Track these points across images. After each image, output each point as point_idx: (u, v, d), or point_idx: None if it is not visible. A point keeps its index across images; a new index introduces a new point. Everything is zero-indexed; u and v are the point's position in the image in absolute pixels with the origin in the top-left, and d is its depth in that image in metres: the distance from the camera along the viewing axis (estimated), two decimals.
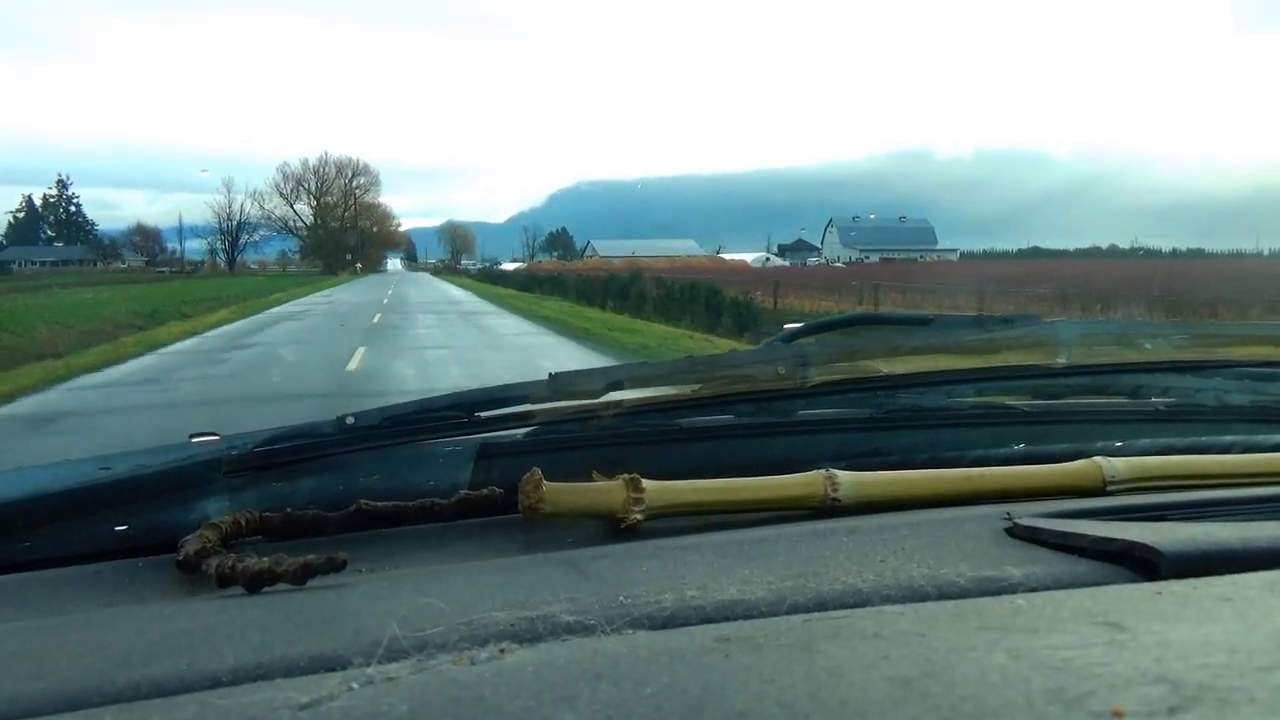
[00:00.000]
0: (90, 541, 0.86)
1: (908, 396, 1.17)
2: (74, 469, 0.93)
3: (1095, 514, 0.78)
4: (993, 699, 0.41)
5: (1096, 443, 1.06)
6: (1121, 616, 0.51)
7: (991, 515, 0.78)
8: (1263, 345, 1.32)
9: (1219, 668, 0.42)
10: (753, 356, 1.15)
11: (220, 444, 0.93)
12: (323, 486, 0.93)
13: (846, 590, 0.61)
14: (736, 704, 0.42)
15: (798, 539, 0.75)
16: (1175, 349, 1.22)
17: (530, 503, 0.84)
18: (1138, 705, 0.39)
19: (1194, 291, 19.07)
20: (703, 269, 66.25)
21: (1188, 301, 17.10)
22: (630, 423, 1.05)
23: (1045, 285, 24.26)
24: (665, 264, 73.89)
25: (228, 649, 0.55)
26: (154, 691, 0.50)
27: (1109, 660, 0.44)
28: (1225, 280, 24.55)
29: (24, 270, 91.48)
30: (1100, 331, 1.34)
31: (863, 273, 49.72)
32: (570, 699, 0.44)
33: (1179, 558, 0.61)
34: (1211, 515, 0.78)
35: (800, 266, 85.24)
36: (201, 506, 0.88)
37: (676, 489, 0.88)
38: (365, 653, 0.52)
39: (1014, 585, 0.61)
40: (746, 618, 0.57)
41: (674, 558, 0.71)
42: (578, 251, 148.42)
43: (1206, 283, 22.26)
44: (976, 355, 1.15)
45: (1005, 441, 1.12)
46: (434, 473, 0.97)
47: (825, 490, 0.88)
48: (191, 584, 0.78)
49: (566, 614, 0.57)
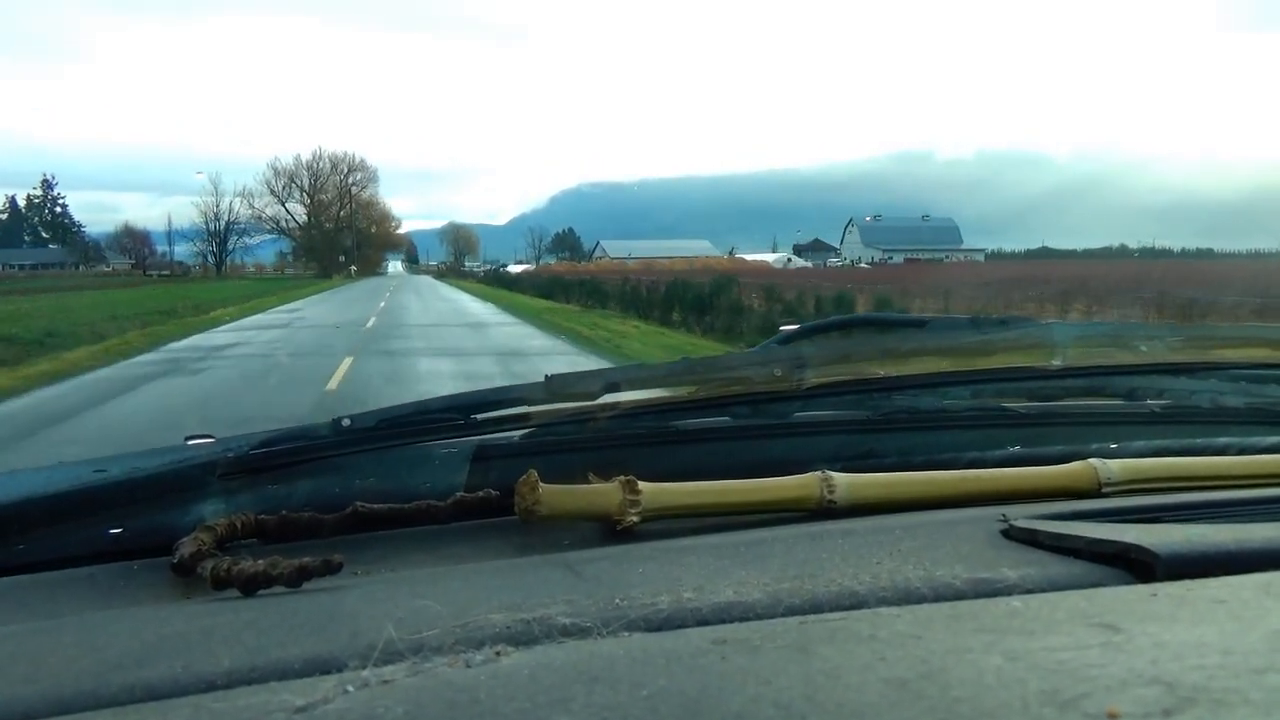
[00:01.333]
0: (85, 544, 0.86)
1: (903, 398, 1.18)
2: (68, 471, 0.92)
3: (1091, 516, 0.78)
4: (989, 701, 0.41)
5: (1092, 444, 1.06)
6: (1117, 618, 0.51)
7: (987, 517, 0.78)
8: (1257, 347, 1.33)
9: (1214, 669, 0.42)
10: (749, 358, 1.15)
11: (215, 446, 0.93)
12: (318, 489, 0.93)
13: (842, 592, 0.61)
14: (733, 706, 0.42)
15: (794, 541, 0.75)
16: (1170, 351, 1.23)
17: (526, 505, 0.84)
18: (1133, 707, 0.39)
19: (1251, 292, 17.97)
20: (724, 270, 65.85)
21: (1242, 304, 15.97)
22: (627, 425, 1.05)
23: (1089, 285, 21.55)
24: (684, 265, 71.13)
25: (223, 652, 0.55)
26: (149, 695, 0.50)
27: (1104, 662, 0.44)
28: (1253, 279, 23.65)
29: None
30: (1095, 333, 1.34)
31: (890, 274, 47.55)
32: (566, 701, 0.44)
33: (1174, 559, 0.61)
34: (1206, 517, 0.78)
35: (821, 267, 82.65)
36: (197, 509, 0.88)
37: (673, 491, 0.88)
38: (361, 655, 0.52)
39: (1010, 587, 0.61)
40: (743, 620, 0.57)
41: (670, 560, 0.71)
42: (585, 253, 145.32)
43: (1252, 284, 21.14)
44: (972, 357, 1.16)
45: (1001, 443, 1.12)
46: (430, 475, 0.96)
47: (821, 492, 0.88)
48: (186, 587, 0.78)
49: (562, 616, 0.57)
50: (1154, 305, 16.18)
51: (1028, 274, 35.60)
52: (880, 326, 1.89)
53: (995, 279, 30.80)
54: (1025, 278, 28.76)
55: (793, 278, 44.98)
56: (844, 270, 70.79)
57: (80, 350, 15.92)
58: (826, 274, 57.37)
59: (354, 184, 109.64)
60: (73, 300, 31.41)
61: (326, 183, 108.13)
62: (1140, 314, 15.40)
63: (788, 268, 79.13)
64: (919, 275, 44.05)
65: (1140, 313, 15.62)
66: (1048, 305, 18.31)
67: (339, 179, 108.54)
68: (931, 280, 32.90)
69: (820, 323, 2.00)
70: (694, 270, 50.74)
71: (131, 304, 28.25)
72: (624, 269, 58.12)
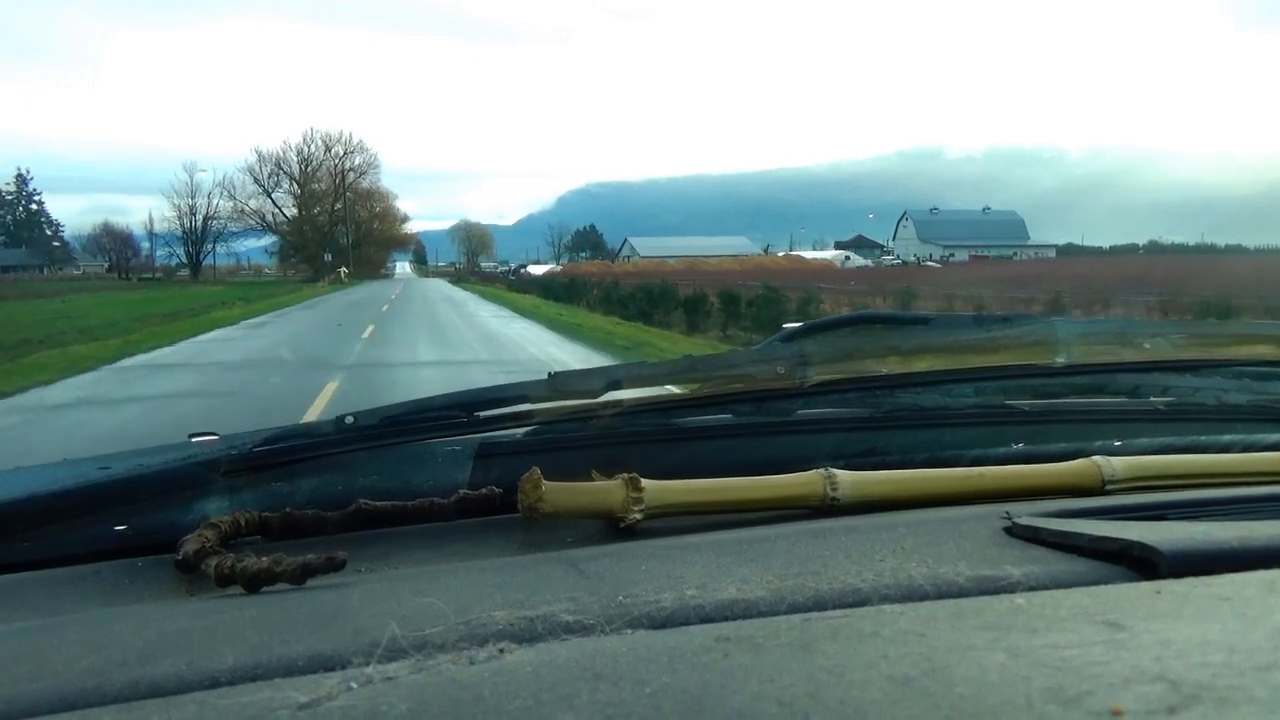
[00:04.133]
0: (89, 542, 0.86)
1: (906, 396, 1.18)
2: (72, 469, 0.93)
3: (1094, 513, 0.78)
4: (992, 698, 0.41)
5: (1095, 442, 1.06)
6: (1120, 616, 0.51)
7: (990, 514, 0.78)
8: (1261, 344, 1.32)
9: (1218, 667, 0.42)
10: (751, 356, 1.15)
11: (219, 444, 0.93)
12: (322, 486, 0.93)
13: (846, 590, 0.61)
14: (736, 703, 0.42)
15: (797, 538, 0.75)
16: (1174, 348, 1.23)
17: (529, 502, 0.84)
18: (1137, 704, 0.39)
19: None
20: (779, 270, 54.28)
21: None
22: (629, 422, 1.05)
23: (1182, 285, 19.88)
24: (733, 265, 63.83)
25: (227, 649, 0.55)
26: (153, 692, 0.50)
27: (1108, 659, 0.44)
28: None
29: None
30: (1099, 331, 1.34)
31: (965, 274, 41.77)
32: (569, 698, 0.44)
33: (1178, 557, 0.61)
34: (1210, 514, 0.78)
35: (892, 265, 75.60)
36: (200, 506, 0.88)
37: (675, 488, 0.88)
38: (364, 652, 0.52)
39: (1013, 584, 0.61)
40: (746, 617, 0.57)
41: (673, 557, 0.71)
42: (608, 251, 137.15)
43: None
44: (975, 355, 1.16)
45: (1004, 441, 1.12)
46: (433, 472, 0.97)
47: (824, 490, 0.88)
48: (190, 584, 0.78)
49: (566, 613, 0.57)
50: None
51: (1114, 272, 32.85)
52: (883, 324, 1.89)
53: (1090, 277, 27.83)
54: (1115, 276, 26.59)
55: (860, 277, 39.44)
56: (913, 270, 63.38)
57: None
58: (894, 274, 50.04)
59: (351, 169, 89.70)
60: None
61: (319, 169, 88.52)
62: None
63: (845, 266, 72.69)
64: (1001, 273, 39.16)
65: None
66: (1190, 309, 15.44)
67: (333, 164, 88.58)
68: (1017, 278, 29.66)
69: (823, 320, 2.00)
70: (746, 271, 45.99)
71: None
72: (664, 270, 52.28)
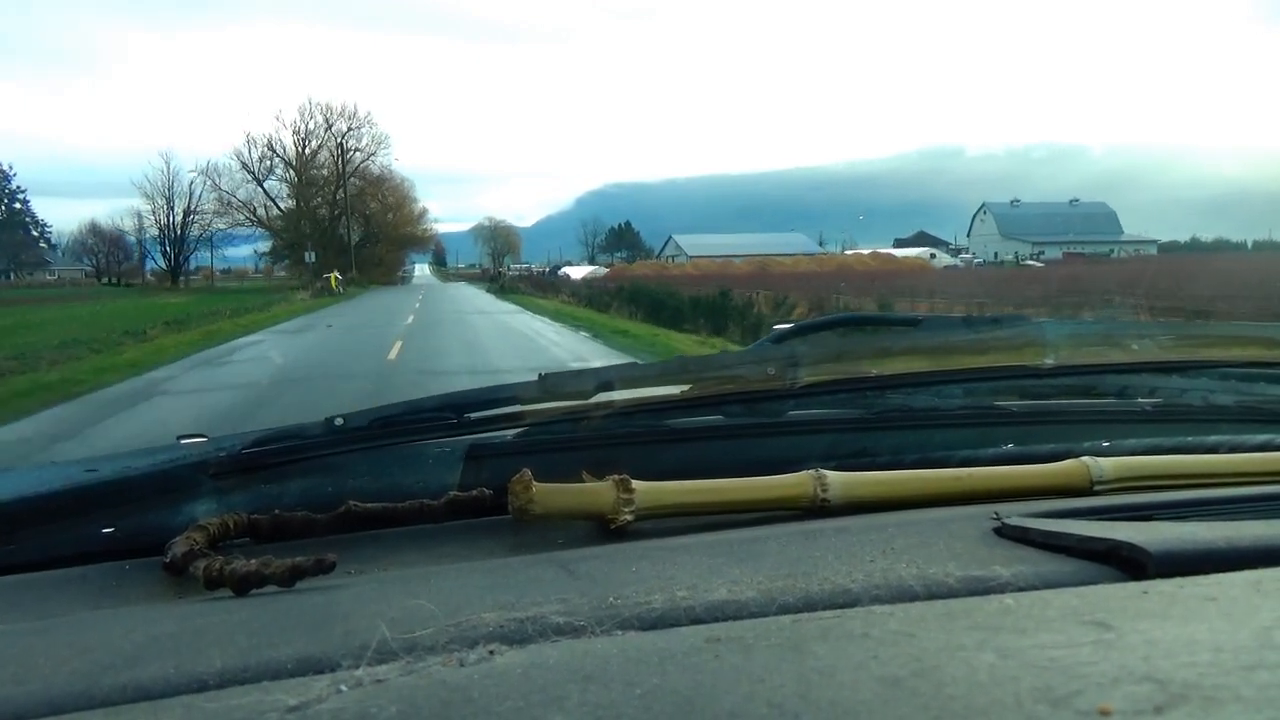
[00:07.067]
0: (76, 544, 0.86)
1: (896, 397, 1.18)
2: (60, 471, 0.92)
3: (1082, 514, 0.78)
4: (981, 698, 0.41)
5: (1084, 443, 1.06)
6: (1108, 616, 0.51)
7: (980, 515, 0.79)
8: (1248, 346, 1.33)
9: (1205, 666, 0.42)
10: (742, 357, 1.15)
11: (208, 445, 0.93)
12: (311, 488, 0.93)
13: (836, 590, 0.61)
14: (726, 704, 0.42)
15: (787, 539, 0.75)
16: (1161, 350, 1.23)
17: (520, 504, 0.84)
18: (1125, 704, 0.39)
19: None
20: (868, 272, 45.78)
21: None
22: (620, 424, 1.05)
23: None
24: (810, 265, 56.13)
25: (215, 652, 0.55)
26: (141, 695, 0.50)
27: (1096, 659, 0.44)
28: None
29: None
30: (1087, 332, 1.35)
31: (1073, 272, 36.07)
32: (559, 700, 0.44)
33: (1165, 557, 0.62)
34: (1197, 515, 0.78)
35: (992, 266, 66.16)
36: (189, 508, 0.88)
37: (666, 490, 0.88)
38: (354, 655, 0.52)
39: (1002, 585, 0.61)
40: (736, 618, 0.57)
41: (664, 558, 0.71)
42: (646, 249, 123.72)
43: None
44: (965, 356, 1.16)
45: (993, 441, 1.12)
46: (423, 474, 0.96)
47: (814, 490, 0.89)
48: (179, 586, 0.78)
49: (556, 615, 0.57)
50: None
51: (1228, 268, 29.48)
52: (872, 325, 1.90)
53: (1229, 275, 24.79)
54: (1234, 273, 23.65)
55: (978, 280, 33.11)
56: (1015, 270, 55.42)
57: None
58: (1007, 276, 42.99)
59: (357, 148, 69.47)
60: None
61: (319, 151, 69.20)
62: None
63: (931, 264, 64.30)
64: (1120, 273, 34.41)
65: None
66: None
67: (336, 143, 68.66)
68: (1132, 278, 25.20)
69: (813, 321, 2.01)
70: (828, 273, 40.33)
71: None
72: (730, 272, 45.47)
